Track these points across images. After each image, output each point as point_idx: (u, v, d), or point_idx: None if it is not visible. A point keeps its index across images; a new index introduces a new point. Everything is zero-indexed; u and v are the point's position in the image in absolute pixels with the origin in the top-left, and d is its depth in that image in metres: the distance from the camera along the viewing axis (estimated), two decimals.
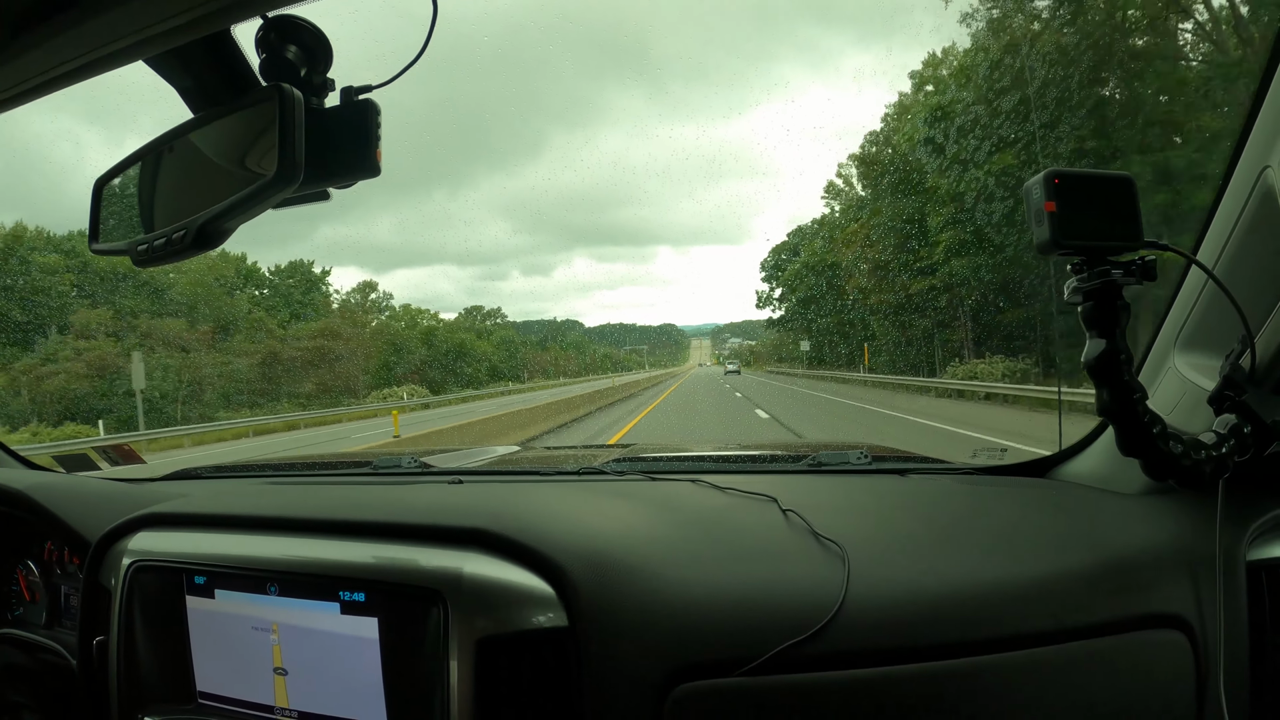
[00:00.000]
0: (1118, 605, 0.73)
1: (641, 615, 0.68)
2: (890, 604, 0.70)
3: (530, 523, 0.73)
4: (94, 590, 0.85)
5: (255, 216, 0.65)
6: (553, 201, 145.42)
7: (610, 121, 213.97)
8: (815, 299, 29.26)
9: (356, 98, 0.66)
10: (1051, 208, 0.65)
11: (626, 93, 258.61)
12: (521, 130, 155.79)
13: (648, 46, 62.28)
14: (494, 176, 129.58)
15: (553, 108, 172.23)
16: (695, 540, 0.78)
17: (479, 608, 0.66)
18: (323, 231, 49.43)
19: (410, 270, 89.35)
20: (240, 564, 0.76)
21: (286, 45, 0.66)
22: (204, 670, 0.78)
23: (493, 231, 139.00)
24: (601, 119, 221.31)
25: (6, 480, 1.08)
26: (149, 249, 0.68)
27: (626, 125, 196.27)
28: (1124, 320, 0.67)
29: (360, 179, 0.66)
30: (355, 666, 0.70)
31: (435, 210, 37.28)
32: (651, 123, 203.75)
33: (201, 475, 1.33)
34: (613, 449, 1.41)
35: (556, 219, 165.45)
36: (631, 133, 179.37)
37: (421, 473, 1.21)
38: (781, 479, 1.05)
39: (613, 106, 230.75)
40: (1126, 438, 0.69)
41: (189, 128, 0.69)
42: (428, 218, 27.31)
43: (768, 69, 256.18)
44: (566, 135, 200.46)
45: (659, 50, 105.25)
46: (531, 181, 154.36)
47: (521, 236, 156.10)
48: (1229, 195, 0.77)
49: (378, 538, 0.73)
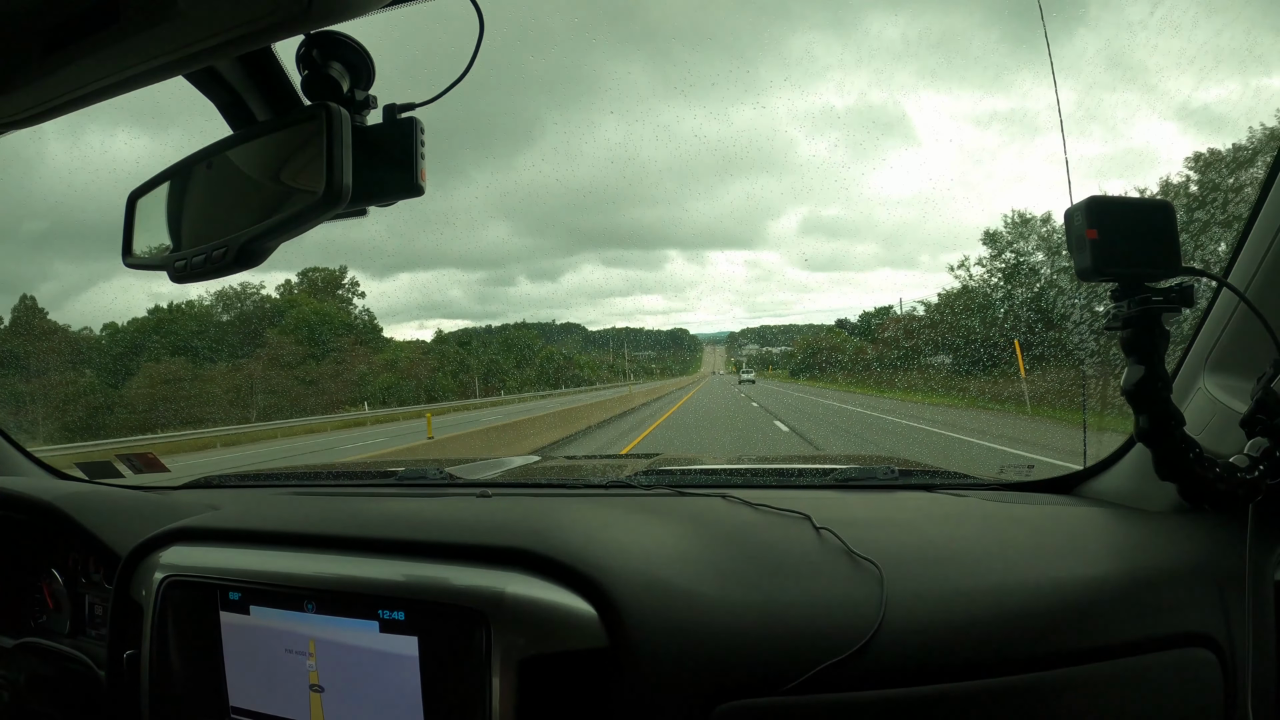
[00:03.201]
0: (1147, 624, 0.73)
1: (682, 635, 0.68)
2: (926, 623, 0.70)
3: (569, 542, 0.73)
4: (124, 603, 0.85)
5: (297, 236, 0.65)
6: (556, 200, 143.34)
7: (609, 106, 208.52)
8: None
9: (399, 115, 0.66)
10: (1093, 235, 0.65)
11: (625, 66, 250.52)
12: (515, 114, 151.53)
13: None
14: (486, 166, 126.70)
15: (547, 84, 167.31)
16: (731, 558, 0.78)
17: (521, 628, 0.67)
18: (314, 234, 48.02)
19: (413, 274, 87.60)
20: (276, 581, 0.76)
21: (329, 62, 0.65)
22: (237, 686, 0.78)
23: (494, 233, 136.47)
24: (599, 100, 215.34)
25: (34, 490, 1.08)
26: (187, 265, 0.67)
27: (628, 108, 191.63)
28: (1162, 346, 0.67)
29: (403, 198, 0.66)
30: (393, 685, 0.70)
31: (432, 209, 35.44)
32: (655, 105, 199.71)
33: (225, 484, 1.32)
34: (635, 459, 1.41)
35: (560, 220, 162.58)
36: (635, 118, 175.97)
37: (448, 484, 1.21)
38: (811, 494, 1.05)
39: (610, 83, 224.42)
40: (1164, 462, 0.70)
41: (229, 144, 0.68)
42: (423, 217, 26.26)
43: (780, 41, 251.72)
44: (561, 116, 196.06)
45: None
46: (529, 176, 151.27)
47: (524, 239, 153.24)
48: (1262, 219, 0.78)
49: (417, 556, 0.73)
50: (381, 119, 0.66)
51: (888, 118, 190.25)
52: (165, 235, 0.72)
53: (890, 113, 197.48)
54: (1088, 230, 0.65)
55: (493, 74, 2.51)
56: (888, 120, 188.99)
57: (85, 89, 0.67)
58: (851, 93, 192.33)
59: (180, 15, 0.56)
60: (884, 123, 51.39)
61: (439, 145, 0.66)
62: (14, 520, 1.12)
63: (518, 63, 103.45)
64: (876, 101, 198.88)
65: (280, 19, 0.57)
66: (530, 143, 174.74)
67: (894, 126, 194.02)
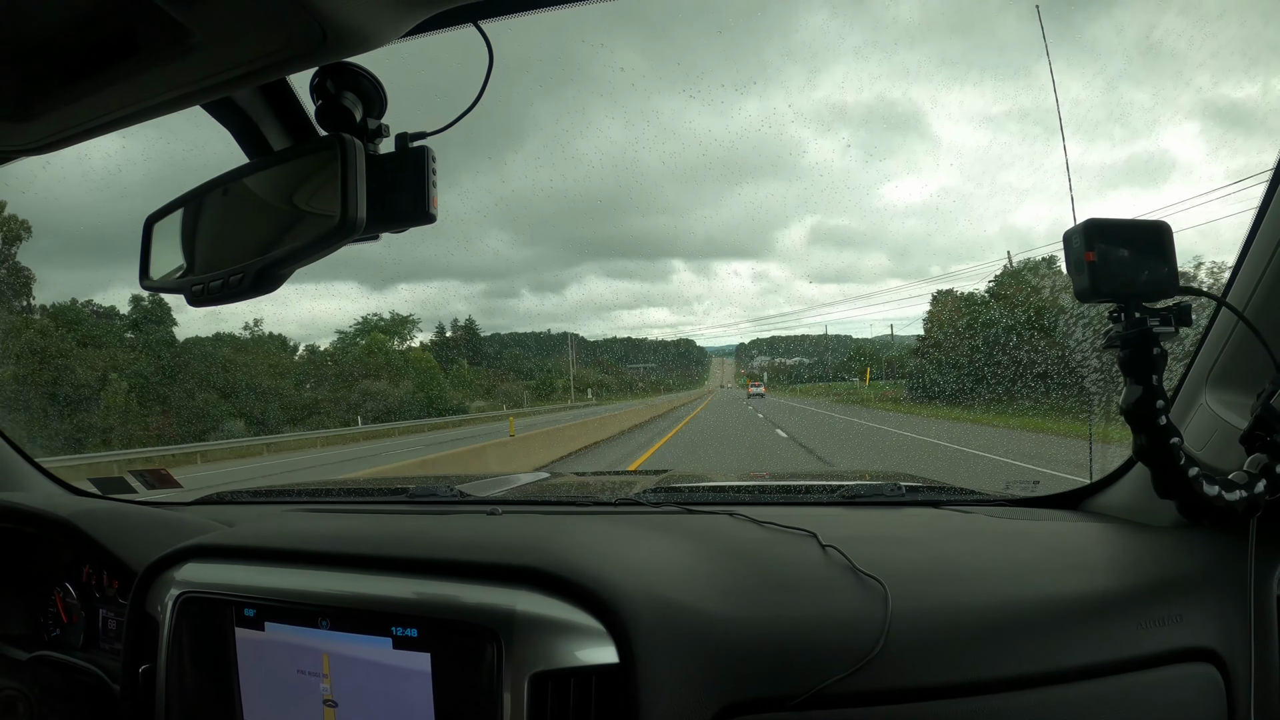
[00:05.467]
0: (1151, 639, 0.74)
1: (691, 652, 0.69)
2: (930, 640, 0.71)
3: (578, 560, 0.74)
4: (139, 618, 0.86)
5: (313, 262, 0.66)
6: (553, 206, 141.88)
7: (607, 102, 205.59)
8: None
9: (411, 145, 0.67)
10: (1091, 257, 0.66)
11: (625, 56, 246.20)
12: (509, 115, 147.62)
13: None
14: (478, 169, 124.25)
15: (541, 78, 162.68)
16: (739, 575, 0.79)
17: (531, 644, 0.68)
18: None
19: (410, 285, 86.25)
20: (291, 598, 0.77)
21: (343, 92, 0.67)
22: (251, 701, 0.79)
23: (492, 243, 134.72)
24: (596, 95, 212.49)
25: (49, 506, 1.10)
26: (204, 289, 0.69)
27: (628, 102, 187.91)
28: (1160, 366, 0.68)
29: (415, 225, 0.67)
30: (407, 701, 0.71)
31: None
32: (658, 101, 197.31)
33: (237, 500, 1.34)
34: (644, 476, 1.42)
35: (559, 228, 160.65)
36: (636, 115, 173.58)
37: (459, 502, 1.22)
38: (817, 511, 1.06)
39: (610, 76, 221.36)
40: (1162, 481, 0.71)
41: (245, 171, 0.69)
42: (417, 229, 25.12)
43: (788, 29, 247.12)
44: (554, 108, 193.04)
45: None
46: (524, 182, 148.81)
47: (522, 250, 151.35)
48: (1260, 237, 0.79)
49: (429, 574, 0.75)
50: (394, 147, 0.68)
51: (900, 115, 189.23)
52: (181, 259, 0.74)
53: (903, 109, 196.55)
54: (1086, 253, 0.66)
55: (495, 87, 2.43)
56: (900, 118, 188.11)
57: (104, 118, 0.69)
58: (863, 87, 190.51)
59: (198, 48, 0.57)
60: (896, 120, 50.80)
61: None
62: (29, 535, 1.13)
63: (519, 70, 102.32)
64: (889, 96, 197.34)
65: (295, 52, 0.58)
66: (521, 143, 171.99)
67: (907, 124, 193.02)
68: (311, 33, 0.55)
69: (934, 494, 1.12)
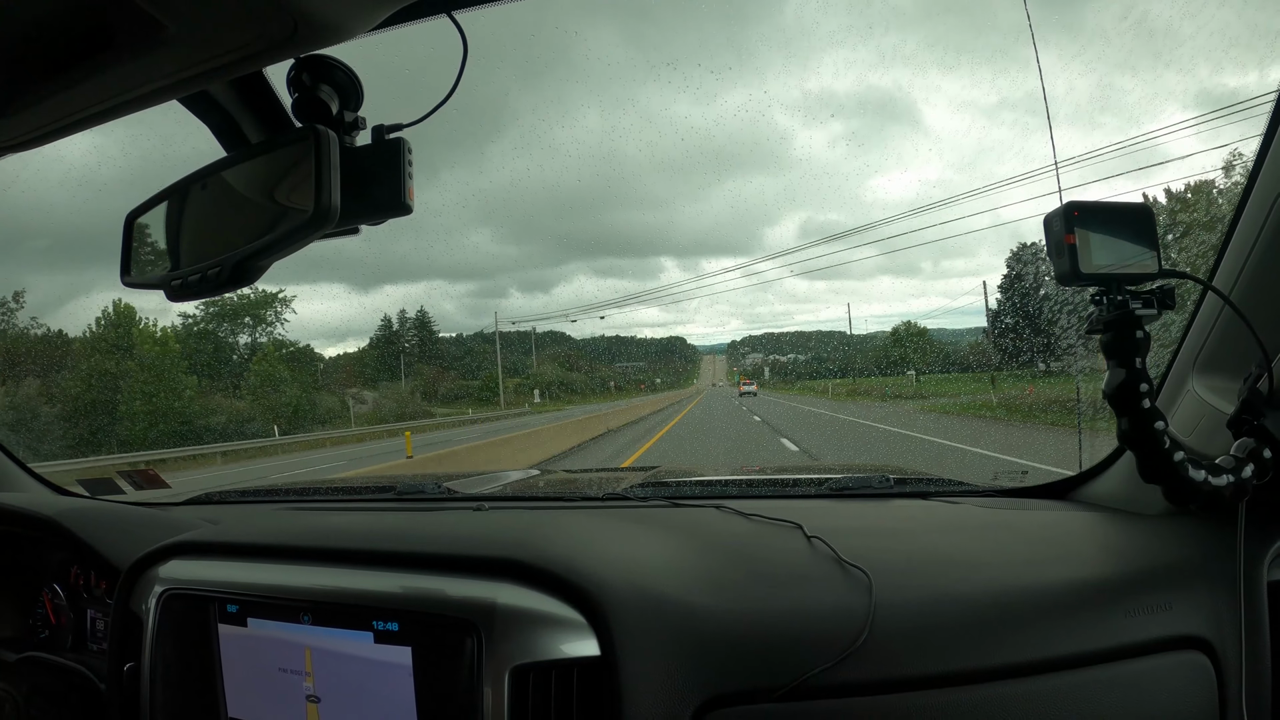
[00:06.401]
0: (1140, 628, 0.73)
1: (673, 644, 0.68)
2: (915, 630, 0.71)
3: (561, 553, 0.74)
4: (125, 617, 0.86)
5: (289, 255, 0.66)
6: (536, 199, 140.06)
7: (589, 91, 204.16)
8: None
9: (387, 136, 0.67)
10: (1071, 240, 0.66)
11: (601, 36, 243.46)
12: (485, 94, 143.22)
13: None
14: (457, 162, 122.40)
15: (519, 66, 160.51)
16: (722, 567, 0.79)
17: (512, 637, 0.67)
18: (302, 250, 44.73)
19: (396, 286, 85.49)
20: (273, 593, 0.77)
21: (319, 85, 0.67)
22: (235, 697, 0.78)
23: (475, 239, 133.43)
24: (576, 84, 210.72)
25: (35, 505, 1.10)
26: (183, 284, 0.69)
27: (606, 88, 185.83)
28: (1144, 349, 0.68)
29: (392, 216, 0.67)
30: (388, 694, 0.71)
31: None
32: (635, 88, 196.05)
33: (225, 499, 1.34)
34: (633, 473, 1.42)
35: (544, 225, 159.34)
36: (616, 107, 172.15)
37: (445, 498, 1.22)
38: (805, 504, 1.06)
39: (589, 66, 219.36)
40: (1147, 465, 0.70)
41: (222, 165, 0.69)
42: (396, 224, 24.23)
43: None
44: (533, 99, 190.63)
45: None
46: (506, 175, 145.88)
47: (507, 246, 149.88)
48: (1244, 222, 0.78)
49: (411, 568, 0.74)
50: (370, 139, 0.68)
51: (891, 102, 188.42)
52: (162, 254, 0.74)
53: (895, 97, 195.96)
54: (1066, 235, 0.65)
55: (470, 75, 2.36)
56: (892, 106, 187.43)
57: (82, 113, 0.69)
58: (853, 73, 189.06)
59: (172, 41, 0.57)
60: (887, 108, 49.93)
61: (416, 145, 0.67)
62: (16, 535, 1.13)
63: (497, 59, 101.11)
64: (879, 84, 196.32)
65: (267, 44, 0.58)
66: (501, 133, 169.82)
67: (898, 111, 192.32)
68: (283, 24, 0.55)
69: (922, 485, 1.11)
